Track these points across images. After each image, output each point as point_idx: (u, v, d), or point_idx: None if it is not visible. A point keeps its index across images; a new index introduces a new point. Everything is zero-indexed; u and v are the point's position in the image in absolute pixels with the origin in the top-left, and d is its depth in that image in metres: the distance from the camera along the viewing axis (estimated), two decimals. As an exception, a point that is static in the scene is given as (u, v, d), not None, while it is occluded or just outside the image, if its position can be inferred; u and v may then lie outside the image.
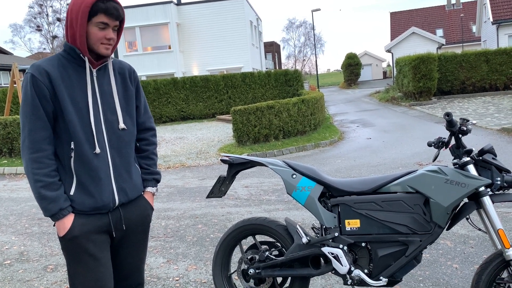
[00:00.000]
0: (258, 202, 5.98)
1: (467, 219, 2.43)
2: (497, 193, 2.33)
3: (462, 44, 41.99)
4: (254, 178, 7.61)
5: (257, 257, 2.69)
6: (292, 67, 66.00)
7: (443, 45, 32.27)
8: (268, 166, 2.65)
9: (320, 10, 31.95)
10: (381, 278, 2.42)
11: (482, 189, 2.29)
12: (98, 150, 1.87)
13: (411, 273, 3.42)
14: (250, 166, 2.70)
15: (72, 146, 1.84)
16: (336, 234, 2.49)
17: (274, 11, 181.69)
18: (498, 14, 24.96)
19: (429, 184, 2.34)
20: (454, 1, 46.46)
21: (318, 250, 2.52)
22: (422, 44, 30.44)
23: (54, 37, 54.67)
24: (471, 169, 2.33)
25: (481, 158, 2.35)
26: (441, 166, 2.38)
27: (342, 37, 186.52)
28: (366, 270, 2.47)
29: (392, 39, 40.92)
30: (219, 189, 2.75)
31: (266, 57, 41.05)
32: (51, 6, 55.16)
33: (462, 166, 2.35)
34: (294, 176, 2.60)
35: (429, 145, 2.51)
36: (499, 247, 2.35)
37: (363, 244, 2.47)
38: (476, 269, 2.90)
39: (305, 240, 2.54)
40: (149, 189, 2.10)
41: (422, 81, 17.86)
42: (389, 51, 32.43)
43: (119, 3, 1.87)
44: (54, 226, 2.01)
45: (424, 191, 2.34)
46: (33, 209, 6.42)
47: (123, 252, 2.06)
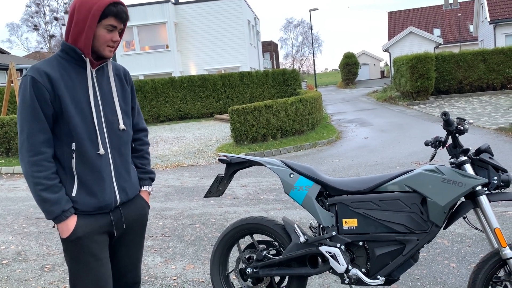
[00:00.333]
0: (256, 201, 5.98)
1: (464, 218, 2.44)
2: (493, 192, 2.34)
3: (459, 43, 42.08)
4: (252, 177, 7.61)
5: (254, 256, 2.70)
6: (290, 67, 66.05)
7: (441, 44, 32.36)
8: (266, 166, 2.66)
9: (318, 9, 31.96)
10: (378, 277, 2.43)
11: (479, 188, 2.30)
12: (102, 151, 1.88)
13: (409, 272, 3.43)
14: (248, 165, 2.70)
15: (73, 147, 1.83)
16: (333, 233, 2.50)
17: (272, 11, 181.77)
18: (495, 14, 25.03)
19: (426, 183, 2.35)
20: (451, 0, 46.56)
21: (316, 249, 2.52)
22: (419, 43, 30.51)
23: (51, 36, 54.54)
24: (468, 168, 2.34)
25: (478, 157, 2.36)
26: (438, 165, 2.39)
27: (340, 36, 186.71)
28: (363, 269, 2.48)
29: (389, 39, 40.98)
30: (217, 188, 2.75)
31: (264, 56, 41.07)
32: (49, 5, 55.04)
33: (459, 165, 2.36)
34: (292, 175, 2.60)
35: (426, 144, 2.52)
36: (496, 246, 2.37)
37: (361, 243, 2.47)
38: (473, 268, 2.91)
39: (302, 239, 2.55)
40: (145, 188, 2.14)
41: (419, 80, 17.89)
42: (386, 51, 32.50)
43: (126, 7, 1.88)
44: (54, 227, 1.96)
45: (421, 190, 2.35)
46: (30, 208, 6.41)
47: (121, 250, 2.07)
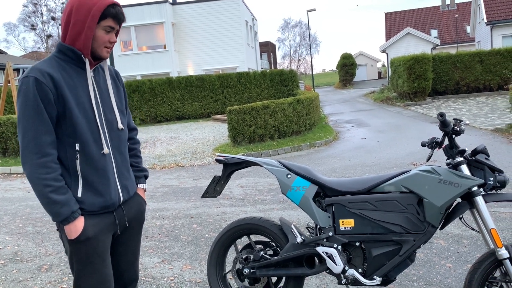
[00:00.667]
0: (253, 202, 5.99)
1: (460, 219, 2.44)
2: (489, 193, 2.35)
3: (456, 44, 42.20)
4: (249, 178, 7.61)
5: (251, 256, 2.70)
6: (287, 67, 66.06)
7: (438, 45, 32.44)
8: (263, 166, 2.66)
9: (315, 10, 31.98)
10: (375, 277, 2.44)
11: (475, 189, 2.31)
12: (107, 150, 1.90)
13: (405, 272, 3.44)
14: (245, 166, 2.70)
15: (77, 148, 1.83)
16: (330, 234, 2.50)
17: (270, 11, 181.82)
18: (492, 15, 25.11)
19: (422, 184, 2.35)
20: (448, 1, 46.69)
21: (313, 249, 2.53)
22: (417, 44, 30.58)
23: (49, 36, 54.40)
24: (464, 169, 2.35)
25: (474, 158, 2.37)
26: (434, 166, 2.40)
27: (337, 37, 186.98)
28: (360, 270, 2.48)
29: (387, 40, 41.06)
30: (214, 189, 2.76)
31: (261, 57, 41.07)
32: (46, 5, 54.96)
33: (456, 166, 2.37)
34: (289, 176, 2.61)
35: (423, 145, 2.53)
36: (492, 247, 2.37)
37: (357, 243, 2.48)
38: (469, 268, 2.92)
39: (299, 239, 2.55)
40: (141, 185, 2.17)
41: (416, 81, 17.94)
42: (384, 52, 32.56)
43: (121, 8, 1.90)
44: (58, 230, 1.94)
45: (417, 191, 2.36)
46: (27, 209, 6.40)
47: (120, 249, 2.08)
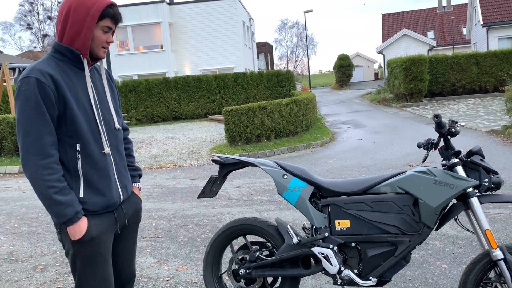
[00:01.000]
0: (249, 202, 5.99)
1: (456, 220, 2.45)
2: (484, 194, 2.36)
3: (452, 46, 42.35)
4: (245, 178, 7.61)
5: (247, 257, 2.70)
6: (284, 68, 66.11)
7: (434, 47, 32.54)
8: (259, 167, 2.66)
9: (312, 11, 32.04)
10: (370, 278, 2.44)
11: (470, 190, 2.32)
12: (107, 150, 1.91)
13: (400, 273, 3.45)
14: (242, 166, 2.71)
15: (78, 148, 1.83)
16: (326, 234, 2.51)
17: (267, 12, 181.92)
18: (488, 17, 25.23)
19: (418, 185, 2.36)
20: (445, 3, 46.83)
21: (309, 250, 2.53)
22: (413, 46, 30.66)
23: (45, 35, 54.21)
24: (460, 170, 2.36)
25: (469, 159, 2.38)
26: (430, 167, 2.41)
27: (334, 38, 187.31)
28: (355, 270, 2.49)
29: (383, 41, 41.17)
30: (210, 189, 2.76)
31: (258, 57, 41.08)
32: (42, 4, 54.79)
33: (451, 167, 2.38)
34: (285, 176, 2.61)
35: (418, 146, 2.54)
36: (487, 248, 2.39)
37: (353, 244, 2.49)
38: (464, 269, 2.93)
39: (295, 240, 2.56)
40: (136, 184, 2.21)
41: (413, 82, 18.00)
42: (380, 53, 32.63)
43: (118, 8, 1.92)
44: (58, 232, 1.90)
45: (413, 192, 2.37)
46: (22, 209, 6.37)
47: (118, 247, 2.09)
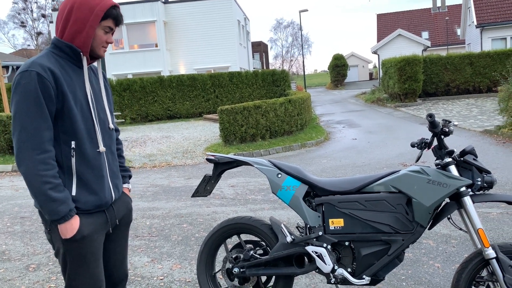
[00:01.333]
0: (244, 201, 5.99)
1: (449, 219, 2.47)
2: (477, 193, 2.37)
3: (447, 46, 42.56)
4: (240, 177, 7.61)
5: (241, 256, 2.70)
6: (279, 67, 66.13)
7: (429, 47, 32.68)
8: (253, 165, 2.66)
9: (307, 10, 32.07)
10: (364, 276, 2.45)
11: (463, 189, 2.33)
12: (102, 149, 1.91)
13: (394, 272, 3.47)
14: (236, 165, 2.70)
15: (73, 145, 1.82)
16: (320, 233, 2.51)
17: (262, 11, 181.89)
18: (482, 18, 25.38)
19: (411, 184, 2.37)
20: (439, 4, 47.06)
21: (302, 249, 2.53)
22: (408, 46, 30.77)
23: (39, 33, 53.86)
24: (453, 169, 2.37)
25: (462, 159, 2.39)
26: (423, 166, 2.42)
27: (329, 38, 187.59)
28: (349, 269, 2.49)
29: (378, 41, 41.28)
30: (204, 188, 2.75)
31: (253, 57, 41.07)
32: (36, 2, 54.22)
33: (444, 167, 2.39)
34: (279, 175, 2.61)
35: (412, 145, 2.55)
36: (479, 246, 2.40)
37: (347, 243, 2.49)
38: (457, 268, 2.95)
39: (289, 239, 2.56)
40: (126, 185, 2.19)
41: (407, 82, 18.07)
42: (375, 53, 32.73)
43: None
44: (48, 231, 1.87)
45: (406, 191, 2.38)
46: (15, 207, 6.33)
47: (109, 247, 2.08)
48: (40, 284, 3.62)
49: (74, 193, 1.84)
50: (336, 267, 2.48)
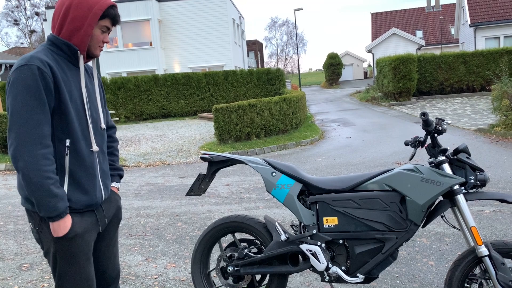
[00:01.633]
0: (238, 200, 5.99)
1: (442, 217, 2.48)
2: (470, 191, 2.39)
3: (441, 45, 42.74)
4: (235, 176, 7.61)
5: (236, 254, 2.70)
6: (274, 66, 66.07)
7: (423, 46, 32.81)
8: (248, 164, 2.66)
9: (302, 9, 32.07)
10: (358, 274, 2.46)
11: (456, 187, 2.34)
12: (96, 148, 1.90)
13: (388, 270, 3.48)
14: (230, 164, 2.70)
15: (67, 144, 1.80)
16: (314, 232, 2.51)
17: (257, 10, 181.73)
18: (476, 17, 25.50)
19: (405, 182, 2.38)
20: (433, 3, 47.23)
21: (297, 247, 2.54)
22: (402, 45, 30.88)
23: (32, 31, 53.50)
24: (446, 168, 2.38)
25: (455, 157, 2.40)
26: (417, 164, 2.43)
27: (324, 37, 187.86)
28: (343, 267, 2.50)
29: (373, 40, 41.36)
30: (199, 187, 2.75)
31: (248, 55, 41.01)
32: (29, 0, 53.94)
33: (438, 165, 2.40)
34: (274, 174, 2.62)
35: (406, 144, 2.55)
36: (472, 244, 2.41)
37: (341, 241, 2.50)
38: (450, 265, 2.96)
39: (283, 237, 2.56)
40: (114, 184, 2.16)
41: (401, 81, 18.13)
42: (370, 52, 32.81)
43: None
44: (37, 229, 1.84)
45: (400, 189, 2.39)
46: (8, 206, 6.29)
47: (101, 246, 2.07)
48: (33, 283, 3.60)
49: (65, 191, 1.82)
50: (330, 265, 2.48)
